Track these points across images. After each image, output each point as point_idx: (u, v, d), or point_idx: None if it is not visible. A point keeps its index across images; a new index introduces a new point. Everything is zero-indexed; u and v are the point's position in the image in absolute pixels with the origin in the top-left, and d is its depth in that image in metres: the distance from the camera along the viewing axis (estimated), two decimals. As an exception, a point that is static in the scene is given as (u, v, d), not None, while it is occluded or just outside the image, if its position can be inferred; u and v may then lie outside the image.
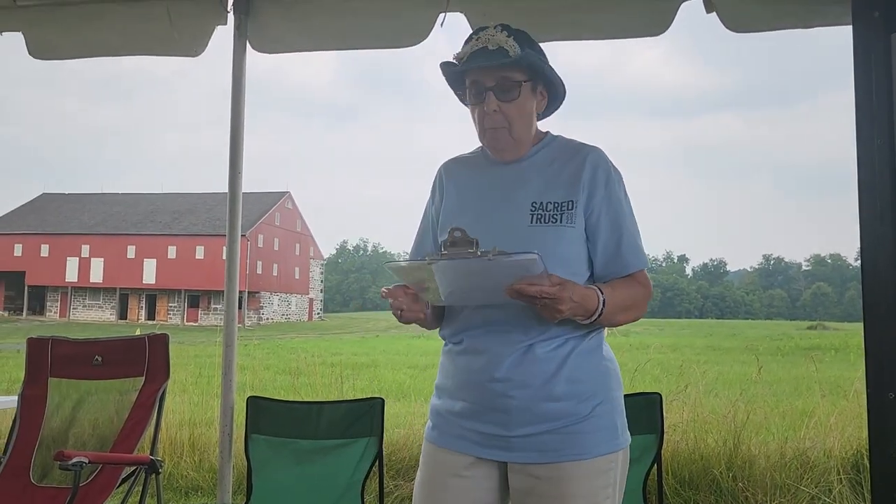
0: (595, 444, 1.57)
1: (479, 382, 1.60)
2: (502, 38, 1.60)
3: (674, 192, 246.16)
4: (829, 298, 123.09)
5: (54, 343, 3.33)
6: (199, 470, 5.07)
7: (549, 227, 1.59)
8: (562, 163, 1.65)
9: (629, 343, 21.03)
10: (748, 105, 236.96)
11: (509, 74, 1.60)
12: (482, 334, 1.61)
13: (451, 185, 1.76)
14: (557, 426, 1.56)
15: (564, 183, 1.62)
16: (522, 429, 1.57)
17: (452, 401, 1.66)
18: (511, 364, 1.57)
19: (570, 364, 1.58)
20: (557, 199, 1.61)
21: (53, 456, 2.55)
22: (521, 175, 1.67)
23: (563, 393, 1.56)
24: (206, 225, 53.50)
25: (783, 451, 4.54)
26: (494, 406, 1.58)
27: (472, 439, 1.62)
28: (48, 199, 61.05)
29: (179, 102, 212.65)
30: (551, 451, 1.56)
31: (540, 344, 1.58)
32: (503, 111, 1.61)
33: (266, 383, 10.08)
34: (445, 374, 1.70)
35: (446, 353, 1.71)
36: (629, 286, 1.62)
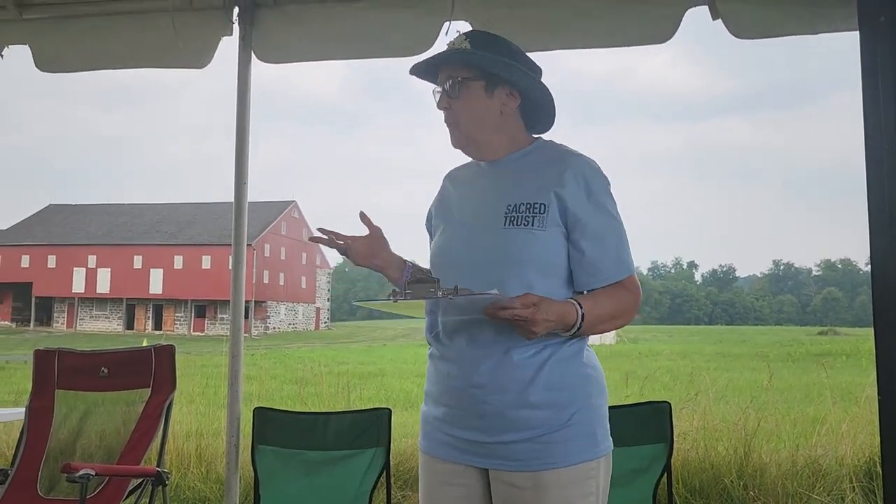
0: (573, 453, 1.56)
1: (458, 388, 1.61)
2: (460, 41, 1.67)
3: (682, 198, 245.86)
4: (839, 303, 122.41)
5: (61, 355, 3.33)
6: (206, 481, 5.05)
7: (520, 230, 1.59)
8: (542, 167, 1.66)
9: (638, 350, 20.94)
10: (756, 109, 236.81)
11: (454, 73, 1.67)
12: (460, 341, 1.62)
13: (445, 193, 1.82)
14: (535, 434, 1.55)
15: (538, 187, 1.62)
16: (501, 436, 1.57)
17: (437, 407, 1.67)
18: (488, 370, 1.57)
19: (548, 371, 1.57)
20: (530, 201, 1.61)
21: (60, 468, 2.55)
22: (501, 177, 1.69)
23: (540, 401, 1.56)
24: (212, 234, 53.64)
25: (795, 459, 4.50)
26: (474, 412, 1.59)
27: (456, 446, 1.63)
28: (55, 210, 61.37)
29: (186, 112, 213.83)
30: (529, 459, 1.56)
31: (517, 350, 1.57)
32: (452, 108, 1.67)
33: (273, 393, 10.07)
34: (430, 380, 1.72)
35: (430, 357, 1.73)
36: (614, 295, 1.61)
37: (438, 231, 1.75)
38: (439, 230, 1.75)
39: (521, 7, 2.89)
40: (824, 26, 2.75)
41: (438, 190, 1.84)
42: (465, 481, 1.63)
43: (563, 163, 1.64)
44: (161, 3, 3.16)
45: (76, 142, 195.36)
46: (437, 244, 1.74)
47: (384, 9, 3.02)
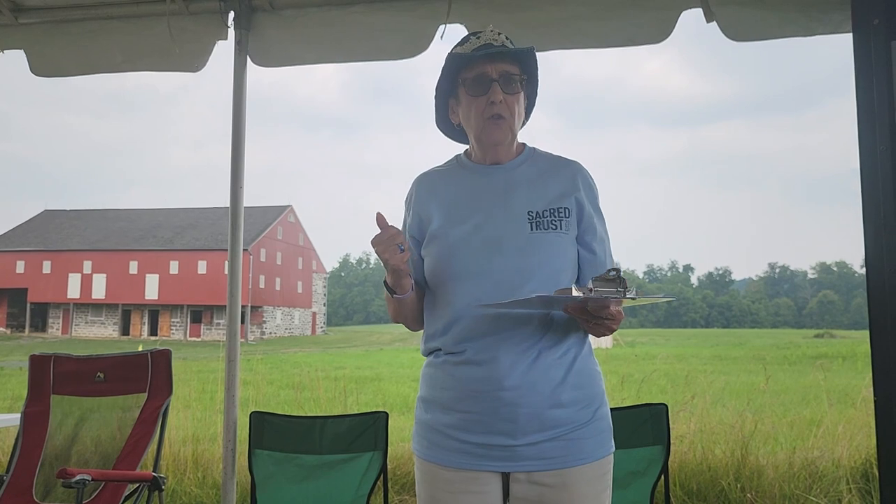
0: (595, 449, 1.61)
1: (484, 392, 1.58)
2: (501, 38, 1.69)
3: (679, 201, 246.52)
4: (835, 306, 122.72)
5: (57, 360, 3.32)
6: (203, 486, 5.03)
7: (549, 234, 1.63)
8: (551, 174, 1.71)
9: (635, 353, 20.96)
10: (754, 114, 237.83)
11: (510, 69, 1.66)
12: (488, 344, 1.60)
13: (431, 197, 1.75)
14: (562, 432, 1.58)
15: (557, 192, 1.68)
16: (528, 437, 1.57)
17: (447, 413, 1.63)
18: (522, 372, 1.58)
19: (575, 370, 1.62)
20: (553, 206, 1.66)
21: (56, 474, 2.53)
22: (511, 183, 1.70)
23: (569, 399, 1.59)
24: (208, 240, 53.56)
25: (791, 461, 4.50)
26: (501, 415, 1.57)
27: (473, 452, 1.60)
28: (50, 216, 61.23)
29: (183, 118, 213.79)
30: (556, 457, 1.57)
31: (547, 352, 1.60)
32: (506, 102, 1.66)
33: (269, 398, 10.04)
34: (440, 387, 1.66)
35: (438, 364, 1.68)
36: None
37: (441, 241, 1.68)
38: (442, 240, 1.68)
39: (516, 10, 2.90)
40: (819, 29, 2.76)
41: (409, 201, 1.77)
42: (482, 488, 1.60)
43: (571, 169, 1.72)
44: (157, 8, 3.17)
45: (72, 149, 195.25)
46: (447, 250, 1.67)
47: (380, 12, 3.02)
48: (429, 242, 1.72)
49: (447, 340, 1.66)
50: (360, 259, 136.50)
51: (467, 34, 1.73)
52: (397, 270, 1.62)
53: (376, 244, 1.57)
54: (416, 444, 1.70)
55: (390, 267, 1.61)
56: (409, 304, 1.71)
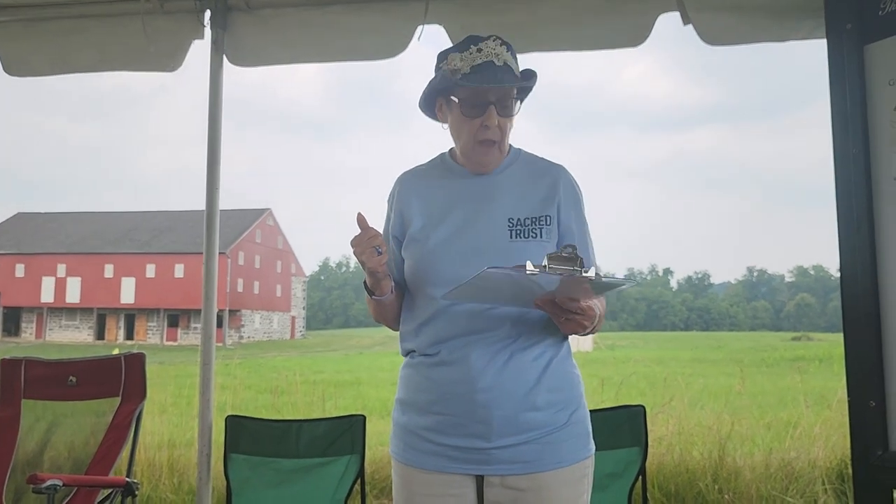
0: (572, 452, 1.59)
1: (459, 394, 1.58)
2: (505, 53, 1.62)
3: (659, 206, 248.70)
4: (812, 309, 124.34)
5: (28, 364, 3.26)
6: (178, 492, 4.97)
7: (529, 242, 1.61)
8: (533, 179, 1.69)
9: (614, 356, 21.06)
10: (734, 119, 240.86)
11: (510, 91, 1.63)
12: (462, 345, 1.59)
13: (413, 198, 1.73)
14: (536, 436, 1.57)
15: (540, 199, 1.66)
16: (503, 440, 1.56)
17: (423, 416, 1.62)
18: (494, 374, 1.56)
19: (550, 373, 1.60)
20: (534, 215, 1.64)
21: (26, 479, 2.49)
22: (493, 189, 1.68)
23: (544, 402, 1.58)
24: (186, 243, 53.06)
25: (768, 463, 4.54)
26: (476, 418, 1.56)
27: (447, 455, 1.59)
28: (23, 219, 60.33)
29: (160, 120, 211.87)
30: (530, 461, 1.56)
31: (521, 353, 1.58)
32: (500, 126, 1.63)
33: (247, 403, 9.96)
34: (415, 389, 1.65)
35: (414, 366, 1.67)
36: (601, 299, 1.65)
37: (421, 245, 1.67)
38: (422, 244, 1.67)
39: (493, 12, 2.91)
40: (792, 34, 2.79)
41: (397, 196, 1.75)
42: (457, 491, 1.60)
43: (553, 174, 1.70)
44: (132, 6, 3.13)
45: (46, 151, 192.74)
46: (425, 258, 1.66)
47: (358, 13, 3.01)
48: (408, 244, 1.70)
49: (421, 342, 1.66)
50: (339, 262, 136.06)
51: (468, 38, 1.64)
52: (374, 273, 1.60)
53: (355, 245, 1.55)
54: (392, 446, 1.69)
55: (367, 269, 1.59)
56: (388, 305, 1.70)
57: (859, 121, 2.26)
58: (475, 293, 1.50)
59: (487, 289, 1.48)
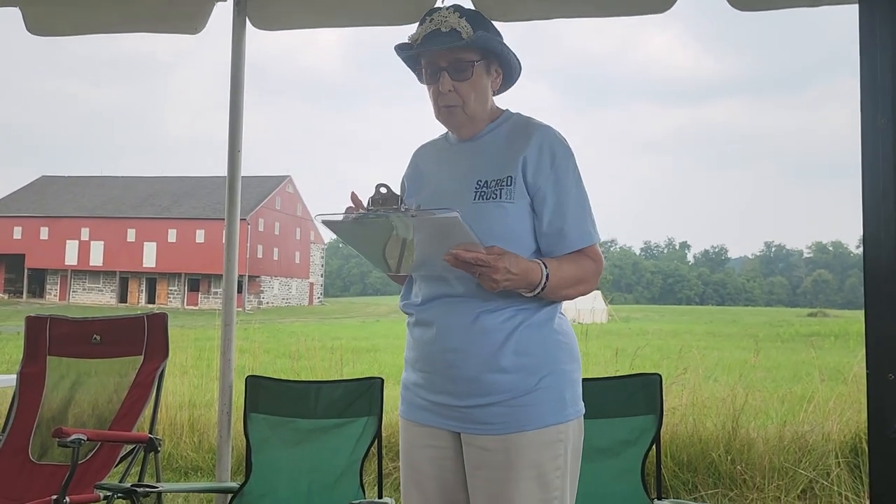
0: (540, 416, 1.59)
1: (432, 353, 1.65)
2: (454, 19, 1.64)
3: (678, 179, 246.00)
4: (829, 286, 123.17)
5: (53, 322, 3.33)
6: (199, 451, 5.08)
7: (489, 204, 1.62)
8: (509, 140, 1.69)
9: (629, 328, 21.03)
10: (757, 91, 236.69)
11: (462, 55, 1.64)
12: (431, 307, 1.66)
13: (414, 169, 1.84)
14: (504, 398, 1.59)
15: (506, 160, 1.65)
16: (470, 399, 1.61)
17: (414, 372, 1.73)
18: (460, 334, 1.61)
19: (518, 337, 1.61)
20: (498, 176, 1.64)
21: (52, 433, 2.55)
22: (471, 153, 1.72)
23: (510, 365, 1.60)
24: (206, 209, 53.39)
25: (782, 435, 4.55)
26: (445, 376, 1.63)
27: (431, 409, 1.68)
28: (47, 182, 60.93)
29: (182, 85, 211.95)
30: (499, 423, 1.60)
31: (487, 315, 1.61)
32: (457, 90, 1.65)
33: (266, 366, 10.07)
34: (408, 347, 1.76)
35: (407, 326, 1.77)
36: (577, 261, 1.65)
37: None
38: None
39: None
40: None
41: (408, 167, 1.85)
42: (440, 443, 1.68)
43: (528, 134, 1.67)
44: (154, -33, 3.11)
45: (69, 115, 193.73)
46: None
47: (381, -24, 2.97)
48: None
49: (403, 303, 1.76)
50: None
51: (429, 10, 1.68)
52: None
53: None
54: (399, 400, 1.81)
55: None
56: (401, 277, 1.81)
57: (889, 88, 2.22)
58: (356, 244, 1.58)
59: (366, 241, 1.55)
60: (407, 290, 1.78)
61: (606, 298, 30.58)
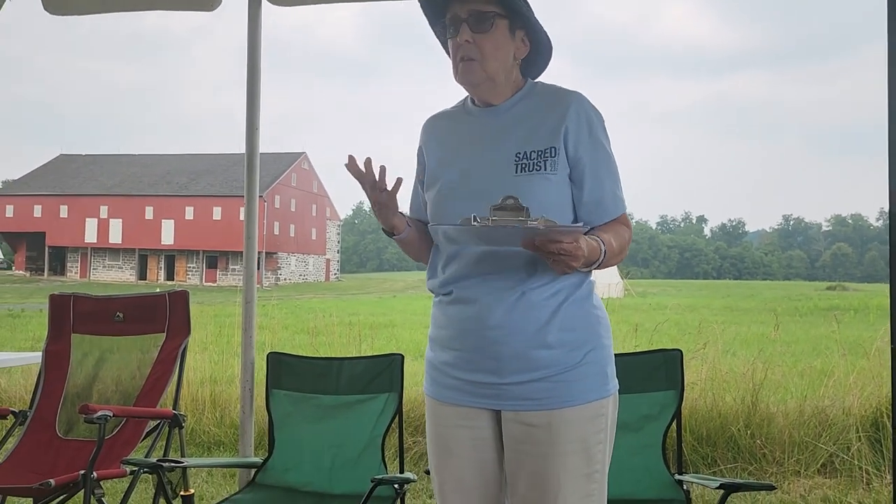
0: (585, 391, 1.59)
1: (472, 330, 1.62)
2: None
3: (695, 152, 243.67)
4: (849, 259, 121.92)
5: (76, 300, 3.36)
6: (221, 426, 5.15)
7: (533, 176, 1.60)
8: (544, 110, 1.66)
9: (647, 303, 21.00)
10: (776, 63, 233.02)
11: (483, 7, 1.61)
12: (473, 284, 1.63)
13: (432, 141, 1.78)
14: (549, 374, 1.58)
15: (547, 130, 1.62)
16: (514, 376, 1.59)
17: (445, 351, 1.69)
18: (504, 311, 1.59)
19: (563, 312, 1.60)
20: (540, 147, 1.61)
21: (78, 409, 2.59)
22: (503, 125, 1.67)
23: (556, 341, 1.59)
24: (223, 186, 53.62)
25: (802, 410, 4.53)
26: (487, 354, 1.60)
27: (466, 390, 1.65)
28: (66, 160, 61.36)
29: (199, 62, 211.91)
30: (543, 398, 1.58)
31: (532, 291, 1.59)
32: (476, 42, 1.61)
33: (285, 342, 10.16)
34: (438, 326, 1.72)
35: (437, 304, 1.74)
36: (617, 231, 1.64)
37: (437, 184, 1.70)
38: (438, 184, 1.70)
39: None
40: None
41: (421, 139, 1.80)
42: (476, 423, 1.66)
43: (564, 103, 1.64)
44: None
45: (86, 93, 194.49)
46: (438, 197, 1.70)
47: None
48: (428, 186, 1.75)
49: (440, 281, 1.70)
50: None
51: None
52: (378, 210, 1.64)
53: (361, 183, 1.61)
54: (424, 381, 1.77)
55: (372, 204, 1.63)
56: (410, 242, 1.75)
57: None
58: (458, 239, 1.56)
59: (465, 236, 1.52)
60: (434, 268, 1.73)
61: (622, 273, 30.47)
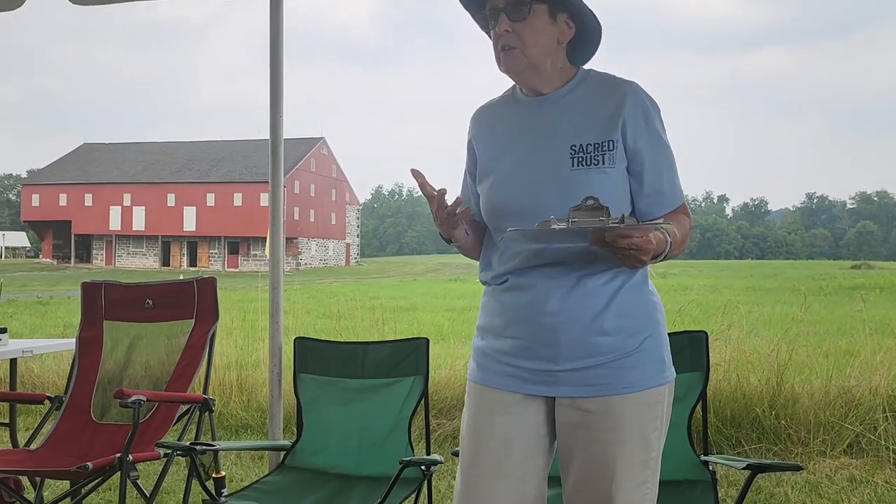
0: (643, 378, 1.58)
1: (528, 318, 1.61)
2: None
3: (717, 131, 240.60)
4: (874, 237, 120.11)
5: (107, 287, 3.43)
6: (248, 409, 5.24)
7: (591, 170, 1.58)
8: (599, 101, 1.62)
9: (668, 284, 20.86)
10: (800, 38, 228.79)
11: None
12: (529, 271, 1.62)
13: (482, 132, 1.75)
14: (606, 360, 1.57)
15: (603, 122, 1.59)
16: (570, 363, 1.58)
17: (498, 339, 1.67)
18: (561, 298, 1.58)
19: (620, 299, 1.59)
20: (597, 140, 1.58)
21: (113, 394, 2.65)
22: (556, 115, 1.64)
23: (613, 328, 1.58)
24: (242, 172, 53.95)
25: (827, 390, 4.51)
26: (543, 341, 1.59)
27: (519, 376, 1.63)
28: (89, 149, 62.03)
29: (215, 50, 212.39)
30: (600, 384, 1.57)
31: (589, 278, 1.58)
32: (515, 31, 1.59)
33: (307, 327, 10.24)
34: (490, 314, 1.71)
35: (489, 293, 1.72)
36: (682, 222, 1.62)
37: (489, 178, 1.69)
38: (490, 177, 1.68)
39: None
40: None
41: (470, 131, 1.78)
42: (524, 410, 1.64)
43: (620, 93, 1.61)
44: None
45: (105, 83, 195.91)
46: (492, 190, 1.68)
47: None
48: (479, 178, 1.73)
49: (494, 272, 1.70)
50: (392, 191, 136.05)
51: None
52: (439, 222, 1.62)
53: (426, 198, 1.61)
54: (469, 369, 1.75)
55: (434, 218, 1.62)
56: (467, 247, 1.76)
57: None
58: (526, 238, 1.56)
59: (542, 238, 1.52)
60: (488, 260, 1.72)
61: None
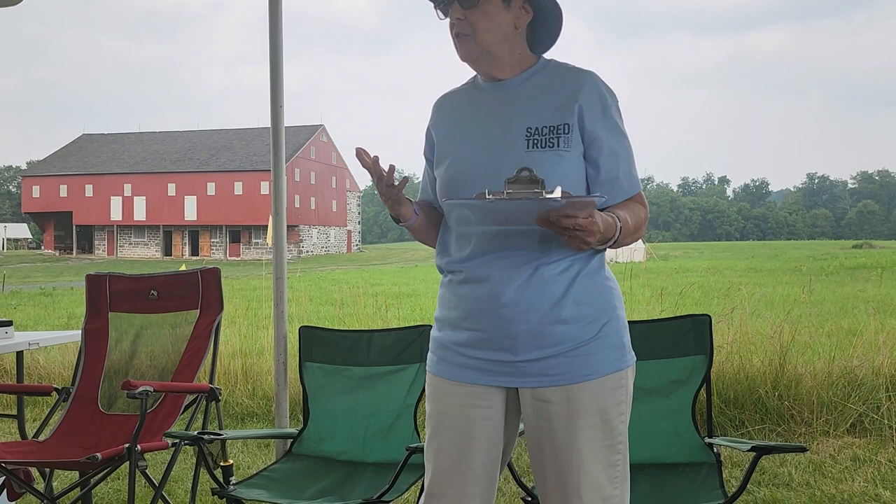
0: (603, 364, 1.58)
1: (485, 310, 1.60)
2: None
3: (717, 112, 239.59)
4: (876, 216, 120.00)
5: (112, 279, 3.44)
6: (253, 397, 5.27)
7: (546, 152, 1.58)
8: (556, 87, 1.63)
9: (670, 267, 20.89)
10: (801, 17, 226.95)
11: None
12: (485, 262, 1.61)
13: (441, 118, 1.77)
14: (565, 349, 1.57)
15: (560, 107, 1.60)
16: (530, 353, 1.58)
17: (456, 331, 1.66)
18: (517, 289, 1.57)
19: (577, 286, 1.58)
20: (553, 123, 1.59)
21: (121, 385, 2.66)
22: (513, 99, 1.65)
23: (571, 316, 1.57)
24: (243, 161, 53.88)
25: (830, 370, 4.53)
26: (502, 332, 1.59)
27: (480, 368, 1.63)
28: (89, 140, 61.92)
29: (214, 39, 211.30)
30: (560, 374, 1.57)
31: (545, 267, 1.58)
32: (468, 18, 1.60)
33: (311, 314, 10.28)
34: (447, 306, 1.70)
35: (445, 284, 1.71)
36: (636, 211, 1.62)
37: (446, 161, 1.69)
38: (447, 160, 1.69)
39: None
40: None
41: (431, 119, 1.78)
42: (487, 403, 1.64)
43: (577, 81, 1.62)
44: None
45: (105, 72, 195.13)
46: (448, 174, 1.68)
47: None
48: (437, 163, 1.74)
49: (449, 260, 1.70)
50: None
51: None
52: (385, 198, 1.62)
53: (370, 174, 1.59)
54: (428, 361, 1.75)
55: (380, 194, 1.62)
56: (417, 228, 1.74)
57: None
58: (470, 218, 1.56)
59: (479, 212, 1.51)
60: (445, 246, 1.72)
61: (644, 236, 30.29)
